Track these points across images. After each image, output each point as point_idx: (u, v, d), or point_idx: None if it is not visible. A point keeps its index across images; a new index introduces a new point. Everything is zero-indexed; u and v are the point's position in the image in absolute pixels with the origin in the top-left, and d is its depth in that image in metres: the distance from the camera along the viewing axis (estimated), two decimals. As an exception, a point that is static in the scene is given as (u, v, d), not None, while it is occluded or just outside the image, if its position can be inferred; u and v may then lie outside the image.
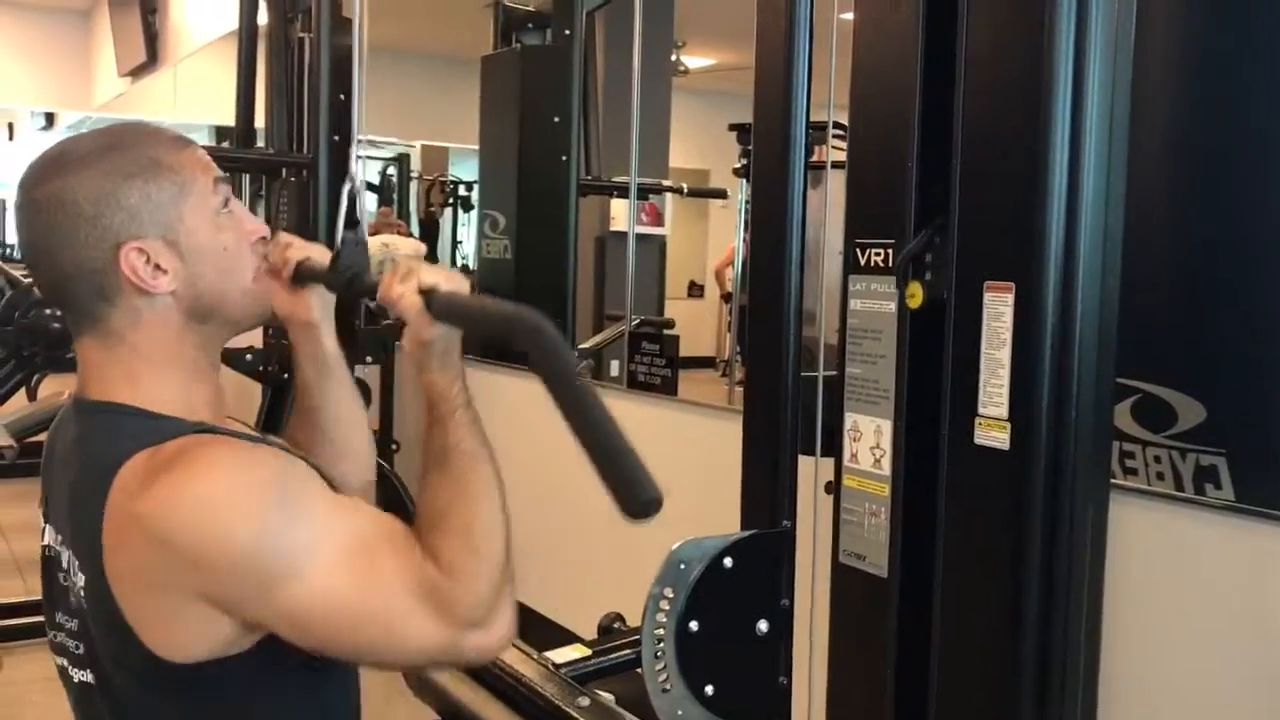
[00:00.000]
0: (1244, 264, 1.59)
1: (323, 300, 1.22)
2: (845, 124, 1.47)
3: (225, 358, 1.24)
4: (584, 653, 1.28)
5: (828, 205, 1.67)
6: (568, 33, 3.52)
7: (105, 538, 0.96)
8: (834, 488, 1.49)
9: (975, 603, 1.32)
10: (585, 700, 1.22)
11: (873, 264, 1.43)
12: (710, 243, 7.94)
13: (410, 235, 6.92)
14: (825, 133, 1.61)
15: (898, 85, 1.37)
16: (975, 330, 1.29)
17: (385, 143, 6.99)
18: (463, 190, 7.45)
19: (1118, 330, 1.37)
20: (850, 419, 1.47)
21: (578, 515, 2.79)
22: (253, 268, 1.10)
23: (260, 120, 3.78)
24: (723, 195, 4.48)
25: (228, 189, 1.08)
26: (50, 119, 10.92)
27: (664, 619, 1.24)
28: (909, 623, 1.39)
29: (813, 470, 1.53)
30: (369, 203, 6.75)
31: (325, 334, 1.23)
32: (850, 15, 1.44)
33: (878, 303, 1.43)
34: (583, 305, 3.71)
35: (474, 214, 7.21)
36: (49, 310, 5.08)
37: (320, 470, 1.08)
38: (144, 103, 8.33)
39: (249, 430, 1.17)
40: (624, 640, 1.27)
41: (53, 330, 5.07)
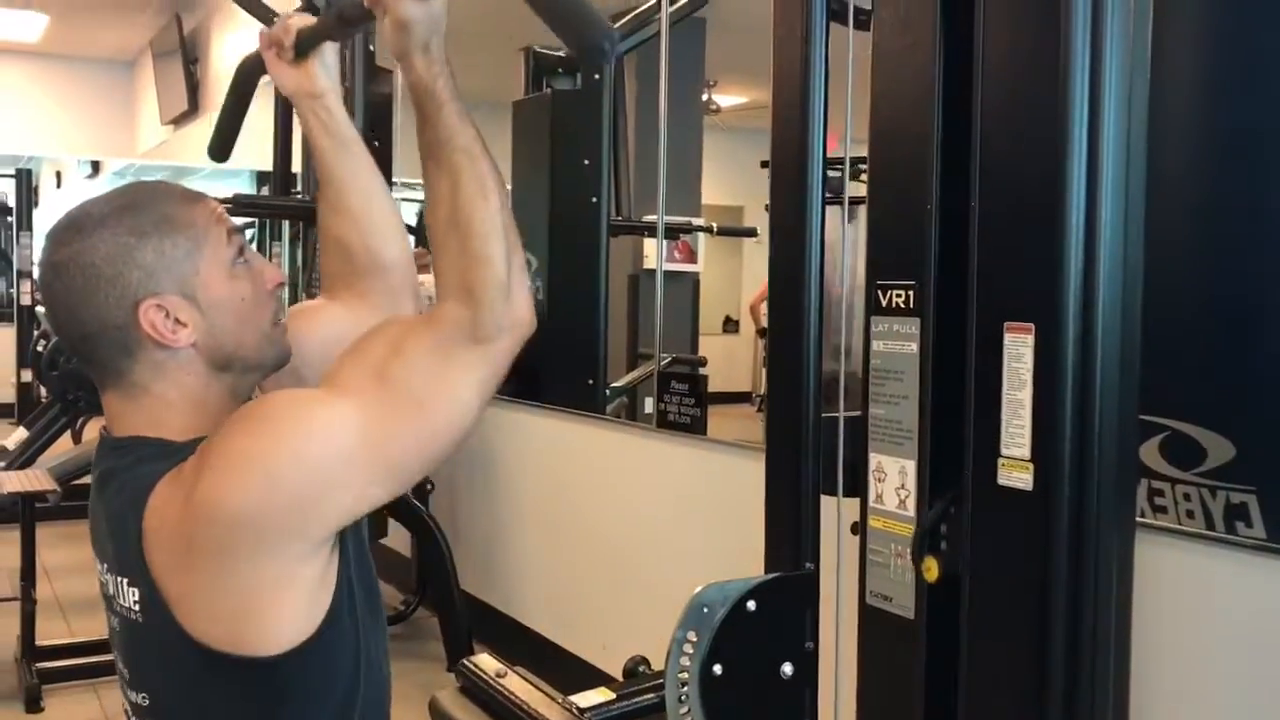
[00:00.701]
0: (1271, 302, 1.59)
1: (326, 70, 1.26)
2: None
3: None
4: (608, 696, 1.28)
5: (844, 241, 1.69)
6: (597, 77, 3.57)
7: (155, 563, 1.00)
8: (859, 528, 1.49)
9: (1002, 644, 1.32)
10: (609, 744, 1.23)
11: (894, 305, 1.44)
12: (745, 278, 7.97)
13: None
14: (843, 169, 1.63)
15: (915, 129, 1.39)
16: (996, 371, 1.30)
17: (419, 184, 7.09)
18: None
19: (1144, 369, 1.37)
20: (875, 459, 1.47)
21: (606, 556, 2.81)
22: (271, 313, 1.12)
23: (296, 166, 3.85)
24: (753, 234, 4.51)
25: (241, 239, 1.12)
26: (96, 167, 11.19)
27: (687, 662, 1.24)
28: (937, 665, 1.38)
29: (840, 511, 1.53)
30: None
31: (333, 101, 1.27)
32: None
33: (900, 344, 1.44)
34: (615, 343, 3.73)
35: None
36: (92, 355, 5.20)
37: None
38: (185, 149, 8.51)
39: None
40: (648, 684, 1.28)
41: (96, 375, 5.19)
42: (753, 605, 1.29)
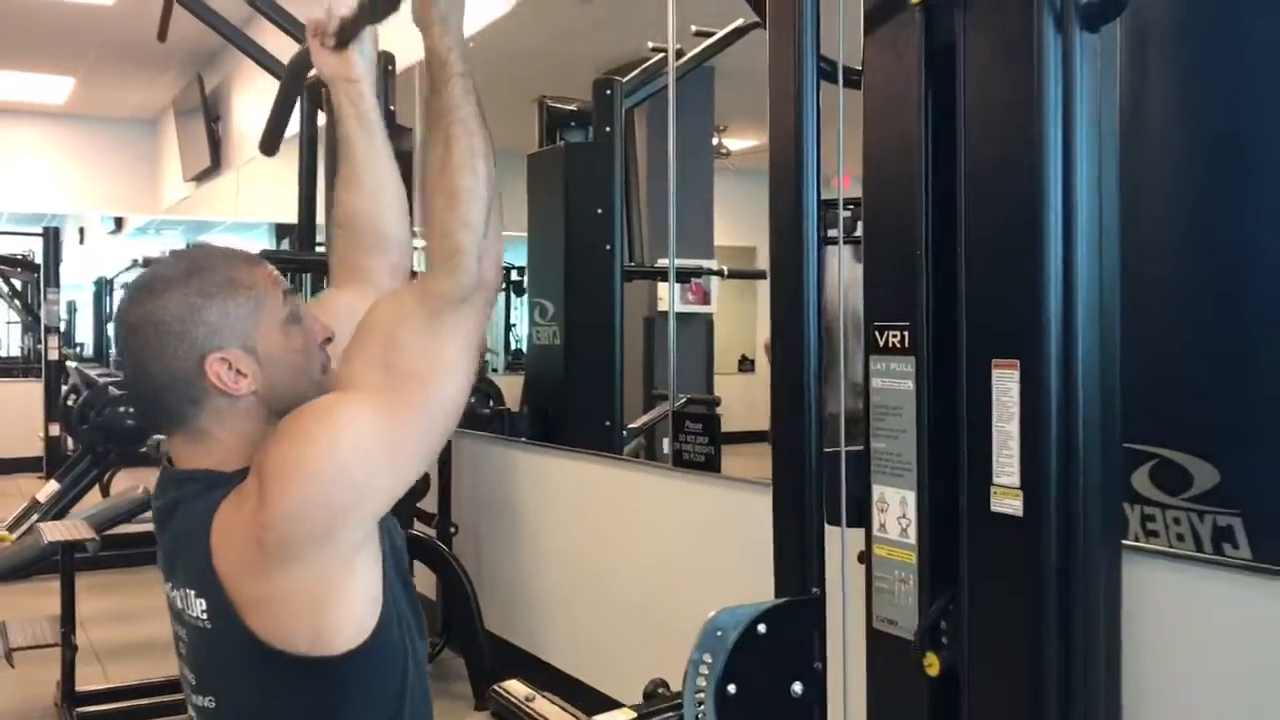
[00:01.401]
0: (1250, 336, 1.67)
1: (364, 57, 1.41)
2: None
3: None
4: (630, 716, 1.36)
5: (841, 282, 1.79)
6: (608, 129, 3.69)
7: (224, 572, 1.11)
8: (866, 557, 1.57)
9: (1000, 661, 1.39)
10: (632, 759, 1.31)
11: (891, 345, 1.53)
12: (760, 317, 8.04)
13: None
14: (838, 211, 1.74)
15: (905, 182, 1.48)
16: (986, 404, 1.39)
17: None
18: (514, 275, 7.65)
19: (1135, 400, 1.45)
20: (877, 491, 1.56)
21: (626, 591, 2.88)
22: (322, 366, 1.24)
23: (319, 218, 3.98)
24: (763, 276, 4.60)
25: (295, 299, 1.24)
26: (119, 223, 11.38)
27: (704, 683, 1.33)
28: (941, 682, 1.46)
29: (845, 540, 1.61)
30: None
31: (367, 88, 1.42)
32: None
33: (897, 381, 1.53)
34: (631, 385, 3.82)
35: (525, 299, 7.41)
36: (122, 409, 5.33)
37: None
38: (207, 205, 8.69)
39: None
40: (667, 704, 1.36)
41: (126, 428, 5.30)
42: (763, 628, 1.37)
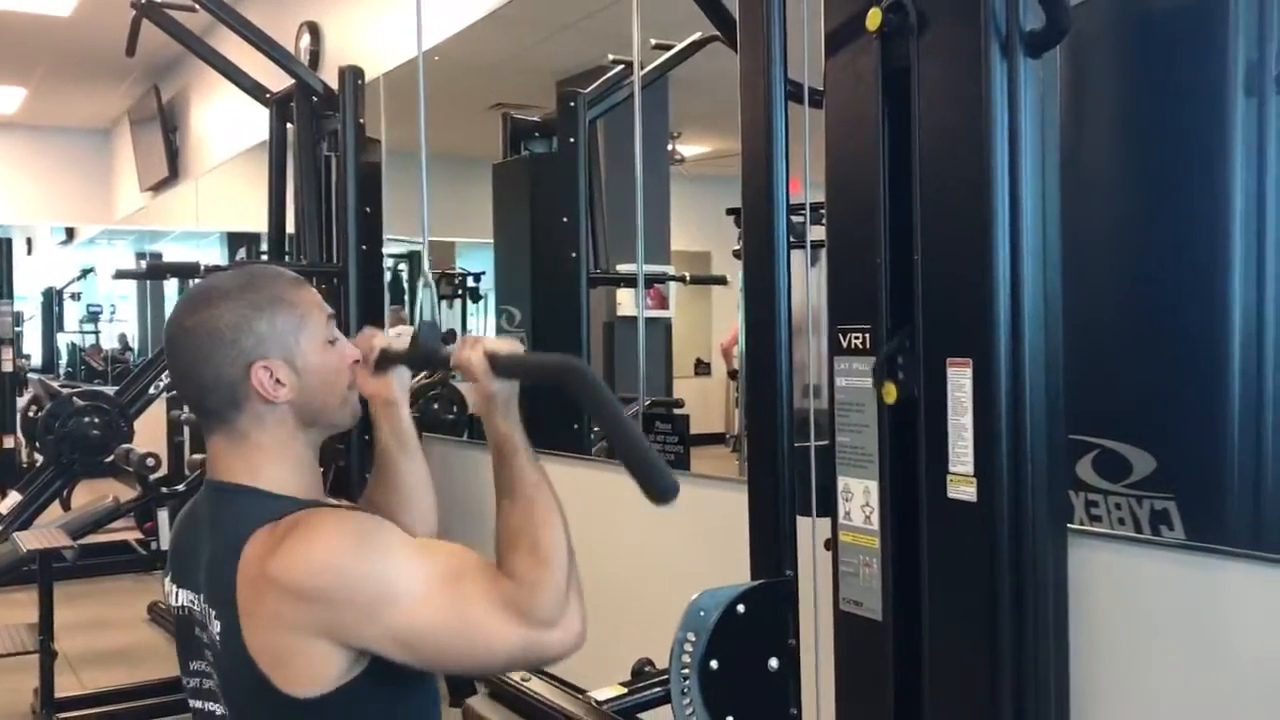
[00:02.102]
0: (1181, 336, 1.81)
1: (401, 382, 1.47)
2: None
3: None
4: (620, 690, 1.47)
5: (808, 285, 1.90)
6: (572, 140, 3.79)
7: (241, 600, 1.19)
8: (833, 544, 1.68)
9: (957, 635, 1.50)
10: (623, 728, 1.42)
11: (854, 346, 1.64)
12: (715, 321, 8.11)
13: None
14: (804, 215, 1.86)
15: (865, 195, 1.59)
16: (942, 399, 1.50)
17: (395, 240, 7.27)
18: (471, 282, 7.71)
19: (1079, 395, 1.57)
20: (843, 482, 1.67)
21: (601, 583, 2.98)
22: (349, 383, 1.34)
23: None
24: (723, 282, 4.72)
25: (333, 323, 1.34)
26: (70, 233, 11.26)
27: (688, 659, 1.43)
28: (903, 657, 1.56)
29: (814, 530, 1.73)
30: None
31: (403, 410, 1.48)
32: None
33: (860, 379, 1.64)
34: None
35: (482, 304, 7.47)
36: (86, 419, 5.35)
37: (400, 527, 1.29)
38: (165, 215, 8.64)
39: (344, 504, 1.41)
40: (654, 680, 1.47)
41: (91, 438, 5.33)
42: (742, 608, 1.48)
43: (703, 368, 8.19)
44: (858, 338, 1.63)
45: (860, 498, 1.64)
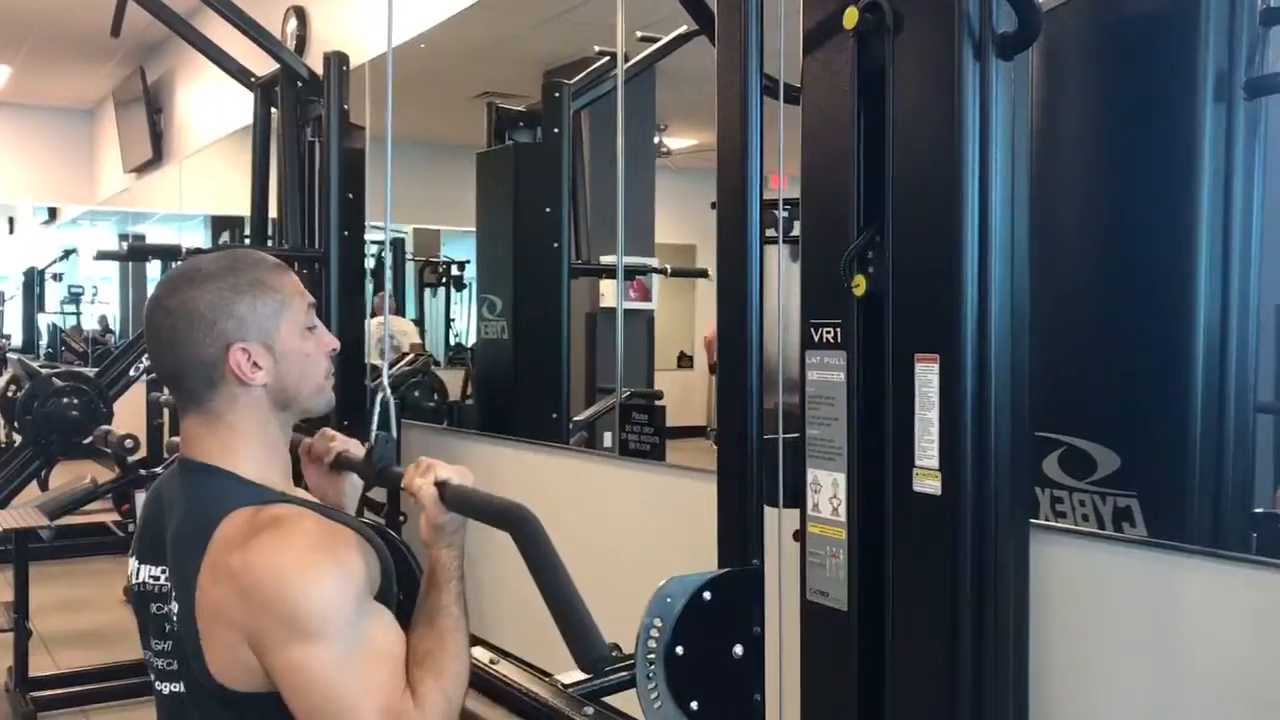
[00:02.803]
0: (1145, 338, 1.84)
1: (352, 484, 1.51)
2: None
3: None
4: (586, 674, 1.49)
5: (779, 280, 1.92)
6: (556, 130, 3.80)
7: (201, 577, 1.20)
8: (801, 535, 1.71)
9: (919, 625, 1.53)
10: (590, 709, 1.44)
11: (825, 340, 1.66)
12: (698, 314, 8.13)
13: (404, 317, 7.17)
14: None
15: (838, 191, 1.61)
16: (909, 394, 1.52)
17: (379, 227, 7.27)
18: (455, 270, 7.72)
19: (1046, 394, 1.60)
20: (812, 474, 1.69)
21: (576, 573, 3.00)
22: (325, 371, 1.36)
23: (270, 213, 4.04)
24: (704, 275, 4.74)
25: (313, 310, 1.35)
26: (53, 213, 11.21)
27: (654, 645, 1.46)
28: (867, 647, 1.58)
29: (783, 521, 1.75)
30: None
31: (350, 508, 1.51)
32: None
33: (830, 373, 1.66)
34: (576, 379, 3.94)
35: (466, 293, 7.47)
36: (66, 400, 5.34)
37: (382, 559, 1.30)
38: (148, 196, 8.61)
39: (317, 502, 1.41)
40: (621, 665, 1.49)
41: (70, 418, 5.32)
42: (708, 595, 1.51)
43: (686, 360, 8.22)
44: (829, 332, 1.65)
45: (829, 490, 1.66)
